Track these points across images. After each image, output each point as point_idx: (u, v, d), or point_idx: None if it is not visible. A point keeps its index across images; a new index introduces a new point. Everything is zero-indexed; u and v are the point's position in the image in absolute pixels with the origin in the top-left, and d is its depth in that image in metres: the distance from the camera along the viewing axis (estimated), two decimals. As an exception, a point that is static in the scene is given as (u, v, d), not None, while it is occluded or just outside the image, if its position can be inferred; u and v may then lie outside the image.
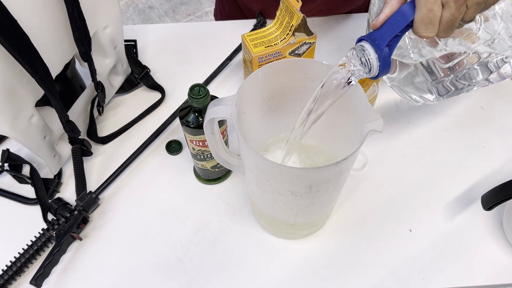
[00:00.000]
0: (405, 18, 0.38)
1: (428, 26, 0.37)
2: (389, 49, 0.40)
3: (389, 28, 0.39)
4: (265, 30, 0.65)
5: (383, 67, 0.40)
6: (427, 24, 0.37)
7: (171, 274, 0.55)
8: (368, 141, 0.42)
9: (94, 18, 0.58)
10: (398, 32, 0.39)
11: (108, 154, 0.66)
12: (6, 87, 0.47)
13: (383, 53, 0.40)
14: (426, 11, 0.37)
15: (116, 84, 0.70)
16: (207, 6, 2.12)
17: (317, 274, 0.55)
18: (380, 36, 0.40)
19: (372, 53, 0.40)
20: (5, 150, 0.60)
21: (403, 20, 0.38)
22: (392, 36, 0.39)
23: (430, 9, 0.36)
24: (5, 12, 0.43)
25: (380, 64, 0.40)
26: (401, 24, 0.38)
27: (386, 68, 0.41)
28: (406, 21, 0.38)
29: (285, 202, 0.47)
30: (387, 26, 0.39)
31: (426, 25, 0.37)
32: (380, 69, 0.40)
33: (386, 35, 0.39)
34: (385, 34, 0.39)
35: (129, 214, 0.60)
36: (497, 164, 0.64)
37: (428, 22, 0.37)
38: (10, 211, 0.61)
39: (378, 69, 0.40)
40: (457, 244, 0.57)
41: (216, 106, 0.44)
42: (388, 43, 0.39)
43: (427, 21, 0.37)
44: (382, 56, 0.40)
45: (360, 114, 0.44)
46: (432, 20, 0.37)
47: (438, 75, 0.54)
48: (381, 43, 0.39)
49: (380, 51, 0.40)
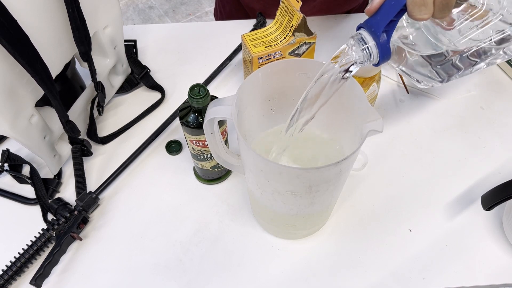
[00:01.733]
0: (398, 1, 0.37)
1: (421, 8, 0.36)
2: (386, 35, 0.39)
3: (384, 14, 0.38)
4: (265, 30, 0.65)
5: (383, 54, 0.40)
6: (420, 6, 0.36)
7: (171, 274, 0.55)
8: (368, 141, 0.42)
9: (94, 18, 0.58)
10: (393, 17, 0.38)
11: (108, 154, 0.66)
12: (6, 87, 0.47)
13: (380, 39, 0.39)
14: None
15: (116, 84, 0.70)
16: (207, 6, 2.12)
17: (317, 274, 0.55)
18: (375, 23, 0.39)
19: (370, 40, 0.39)
20: (5, 150, 0.60)
21: (397, 4, 0.37)
22: (387, 21, 0.38)
23: None
24: (5, 12, 0.43)
25: (379, 51, 0.39)
26: (395, 8, 0.38)
27: (386, 55, 0.40)
28: (400, 5, 0.37)
29: (285, 202, 0.47)
30: (382, 11, 0.39)
31: (419, 7, 0.36)
32: (380, 56, 0.40)
33: (381, 21, 0.38)
34: (381, 20, 0.39)
35: (129, 214, 0.60)
36: (497, 164, 0.64)
37: (421, 3, 0.36)
38: (10, 211, 0.61)
39: (378, 57, 0.40)
40: (457, 244, 0.57)
41: (216, 106, 0.44)
42: (385, 29, 0.39)
43: (420, 3, 0.36)
44: (380, 43, 0.39)
45: (360, 114, 0.44)
46: (424, 1, 0.36)
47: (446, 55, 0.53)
48: (377, 29, 0.39)
49: (377, 38, 0.39)
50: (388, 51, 0.40)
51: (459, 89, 0.72)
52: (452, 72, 0.55)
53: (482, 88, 0.72)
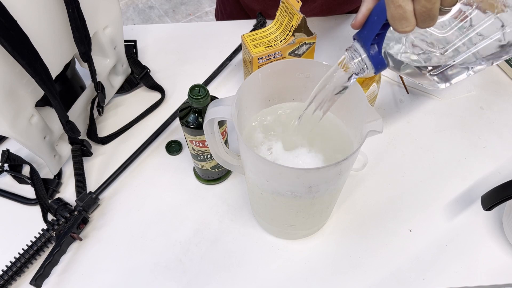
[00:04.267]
0: (380, 16, 0.37)
1: (402, 21, 0.36)
2: (377, 46, 0.39)
3: (370, 28, 0.39)
4: (265, 31, 0.65)
5: (376, 64, 0.40)
6: (401, 20, 0.36)
7: (171, 274, 0.55)
8: (368, 141, 0.42)
9: (94, 18, 0.58)
10: (378, 31, 0.38)
11: (108, 154, 0.66)
12: (6, 87, 0.47)
13: (370, 52, 0.39)
14: (394, 8, 0.35)
15: (116, 84, 0.70)
16: (207, 6, 2.12)
17: (317, 274, 0.55)
18: (363, 36, 0.39)
19: (363, 53, 0.40)
20: (5, 150, 0.60)
21: (379, 19, 0.37)
22: (373, 35, 0.38)
23: (398, 5, 0.35)
24: (5, 12, 0.43)
25: (372, 63, 0.40)
26: (378, 23, 0.38)
27: (381, 65, 0.40)
28: (382, 20, 0.37)
29: (285, 202, 0.47)
30: (367, 26, 0.39)
31: (400, 21, 0.36)
32: (374, 67, 0.40)
33: (368, 35, 0.39)
34: (368, 34, 0.39)
35: (129, 214, 0.60)
36: (497, 164, 0.64)
37: (400, 17, 0.36)
38: (10, 211, 0.61)
39: (372, 67, 0.40)
40: (457, 244, 0.57)
41: (216, 107, 0.44)
42: (373, 42, 0.39)
43: (399, 17, 0.36)
44: (371, 55, 0.39)
45: (360, 114, 0.44)
46: (403, 15, 0.35)
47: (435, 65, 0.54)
48: (366, 43, 0.39)
49: (367, 50, 0.39)
50: (382, 61, 0.40)
51: (459, 89, 0.72)
52: (450, 77, 0.55)
53: (482, 88, 0.72)
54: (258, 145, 0.49)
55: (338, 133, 0.51)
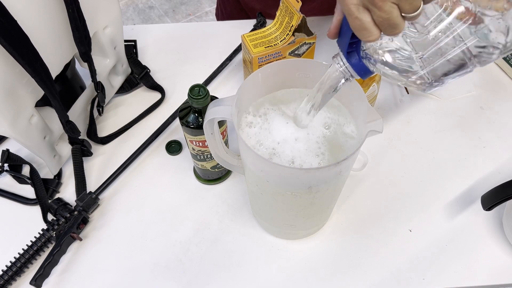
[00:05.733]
0: (348, 27, 0.38)
1: (362, 32, 0.36)
2: (357, 53, 0.40)
3: (344, 37, 0.39)
4: (265, 31, 0.65)
5: (359, 71, 0.40)
6: (361, 31, 0.36)
7: (171, 274, 0.55)
8: (368, 141, 0.42)
9: (94, 18, 0.58)
10: (350, 40, 0.39)
11: (108, 154, 0.66)
12: (6, 87, 0.47)
13: (350, 60, 0.40)
14: (352, 20, 0.36)
15: (116, 84, 0.70)
16: (207, 6, 2.12)
17: (317, 274, 0.55)
18: (341, 45, 0.40)
19: (345, 61, 0.40)
20: (5, 150, 0.60)
21: (348, 29, 0.38)
22: (347, 44, 0.39)
23: (354, 17, 0.36)
24: (5, 12, 0.43)
25: (354, 70, 0.40)
26: (348, 33, 0.38)
27: (364, 71, 0.40)
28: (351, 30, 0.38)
29: (285, 202, 0.47)
30: (341, 35, 0.40)
31: (361, 32, 0.36)
32: (358, 73, 0.41)
33: (344, 44, 0.40)
34: (343, 42, 0.40)
35: (129, 214, 0.60)
36: (497, 164, 0.64)
37: (360, 28, 0.36)
38: (10, 211, 0.61)
39: (357, 74, 0.41)
40: (457, 244, 0.57)
41: (216, 107, 0.44)
42: (350, 50, 0.40)
43: (359, 28, 0.36)
44: (352, 63, 0.40)
45: (360, 114, 0.44)
46: (363, 26, 0.36)
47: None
48: (343, 51, 0.40)
49: (347, 59, 0.40)
50: (364, 67, 0.40)
51: (459, 89, 0.72)
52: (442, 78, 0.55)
53: (482, 88, 0.72)
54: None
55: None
